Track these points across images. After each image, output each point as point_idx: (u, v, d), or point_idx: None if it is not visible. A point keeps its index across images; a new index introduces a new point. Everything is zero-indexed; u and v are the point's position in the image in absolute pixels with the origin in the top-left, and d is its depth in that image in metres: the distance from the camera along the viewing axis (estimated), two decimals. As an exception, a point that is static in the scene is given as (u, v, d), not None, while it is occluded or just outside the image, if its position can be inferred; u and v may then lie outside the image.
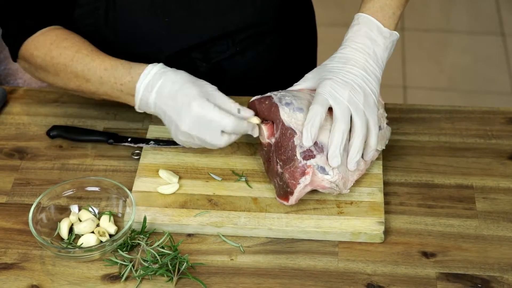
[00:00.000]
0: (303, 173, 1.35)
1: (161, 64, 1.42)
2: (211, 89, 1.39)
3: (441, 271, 1.33)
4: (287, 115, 1.36)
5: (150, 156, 1.50)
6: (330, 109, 1.35)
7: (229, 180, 1.45)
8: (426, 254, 1.36)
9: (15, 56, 1.53)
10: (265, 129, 1.40)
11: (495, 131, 1.57)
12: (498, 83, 3.22)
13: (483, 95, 3.18)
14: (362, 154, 1.38)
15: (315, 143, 1.35)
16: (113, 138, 1.55)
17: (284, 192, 1.38)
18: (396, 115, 1.60)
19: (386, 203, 1.43)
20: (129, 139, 1.54)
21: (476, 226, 1.40)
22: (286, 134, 1.36)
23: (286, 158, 1.36)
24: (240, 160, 1.49)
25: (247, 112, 1.39)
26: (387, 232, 1.39)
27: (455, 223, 1.41)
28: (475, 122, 1.59)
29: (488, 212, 1.42)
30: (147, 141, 1.53)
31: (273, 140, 1.40)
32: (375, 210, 1.40)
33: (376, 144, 1.38)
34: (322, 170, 1.35)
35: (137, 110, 1.43)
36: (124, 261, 1.33)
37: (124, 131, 1.58)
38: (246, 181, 1.45)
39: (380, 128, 1.43)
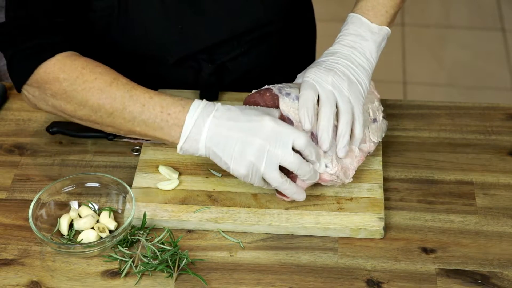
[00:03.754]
0: None
1: (205, 101, 1.34)
2: (270, 110, 1.35)
3: (441, 267, 1.33)
4: (286, 105, 1.37)
5: (150, 152, 1.50)
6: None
7: (229, 176, 1.45)
8: (426, 250, 1.36)
9: (22, 83, 1.39)
10: None
11: (495, 127, 1.57)
12: (498, 79, 3.22)
13: (483, 91, 3.18)
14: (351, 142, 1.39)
15: (311, 134, 1.35)
16: (113, 134, 1.55)
17: None
18: (396, 111, 1.60)
19: (386, 199, 1.43)
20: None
21: (476, 222, 1.40)
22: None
23: None
24: (240, 156, 1.49)
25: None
26: (387, 228, 1.39)
27: (455, 219, 1.41)
28: (475, 118, 1.59)
29: (488, 208, 1.42)
30: (147, 137, 1.53)
31: None
32: (375, 206, 1.40)
33: (361, 133, 1.38)
34: None
35: (179, 146, 1.32)
36: (124, 257, 1.34)
37: (124, 127, 1.58)
38: (246, 177, 1.45)
39: (375, 120, 1.43)
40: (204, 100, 1.35)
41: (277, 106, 1.37)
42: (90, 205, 1.42)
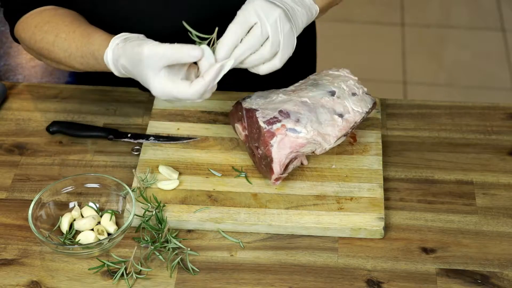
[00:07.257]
0: (272, 136, 1.37)
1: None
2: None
3: (441, 267, 1.33)
4: (248, 104, 1.43)
5: (150, 152, 1.50)
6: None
7: (229, 176, 1.45)
8: (426, 250, 1.36)
9: (13, 37, 1.55)
10: (239, 126, 1.45)
11: (495, 126, 1.57)
12: (498, 79, 3.22)
13: (483, 91, 3.18)
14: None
15: (281, 111, 1.39)
16: (113, 133, 1.55)
17: (268, 166, 1.39)
18: (396, 110, 1.60)
19: (386, 199, 1.43)
20: (129, 135, 1.54)
21: (476, 222, 1.40)
22: (249, 114, 1.41)
23: (258, 136, 1.39)
24: (240, 156, 1.49)
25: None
26: (387, 228, 1.39)
27: (455, 219, 1.41)
28: (475, 117, 1.59)
29: (488, 208, 1.42)
30: (147, 137, 1.53)
31: (246, 132, 1.43)
32: (375, 206, 1.40)
33: (269, 53, 1.33)
34: (293, 131, 1.38)
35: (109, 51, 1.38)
36: (116, 262, 1.33)
37: (124, 126, 1.58)
38: (246, 177, 1.45)
39: (355, 94, 1.45)
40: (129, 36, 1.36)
41: (240, 111, 1.43)
42: (93, 206, 1.41)
